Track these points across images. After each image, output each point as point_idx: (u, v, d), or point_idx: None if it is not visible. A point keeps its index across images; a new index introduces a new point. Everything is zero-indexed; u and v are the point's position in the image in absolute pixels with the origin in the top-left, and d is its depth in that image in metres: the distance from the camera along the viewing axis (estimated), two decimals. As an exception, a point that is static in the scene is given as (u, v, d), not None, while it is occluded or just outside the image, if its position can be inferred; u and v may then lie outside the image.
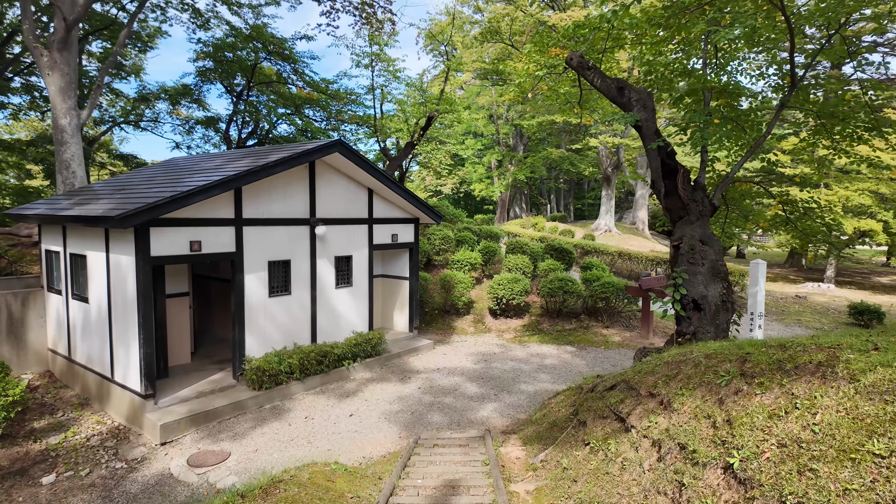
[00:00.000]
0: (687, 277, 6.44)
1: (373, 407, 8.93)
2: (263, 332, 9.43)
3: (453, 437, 7.39)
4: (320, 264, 10.32)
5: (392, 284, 13.10)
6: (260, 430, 8.06)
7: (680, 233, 6.86)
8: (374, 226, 11.43)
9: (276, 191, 9.47)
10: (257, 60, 23.42)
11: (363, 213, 11.17)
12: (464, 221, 20.25)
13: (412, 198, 11.65)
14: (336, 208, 10.58)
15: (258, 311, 9.33)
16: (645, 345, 12.74)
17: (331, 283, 10.56)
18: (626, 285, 13.62)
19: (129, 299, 8.03)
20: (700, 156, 7.25)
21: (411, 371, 10.82)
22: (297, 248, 9.88)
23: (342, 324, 10.87)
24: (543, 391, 9.62)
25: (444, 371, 10.82)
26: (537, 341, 13.21)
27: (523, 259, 15.87)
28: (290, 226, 9.72)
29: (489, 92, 34.97)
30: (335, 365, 10.12)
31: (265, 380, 8.96)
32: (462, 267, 15.50)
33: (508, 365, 11.26)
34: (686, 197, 6.95)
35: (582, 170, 42.15)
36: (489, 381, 10.19)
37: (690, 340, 6.44)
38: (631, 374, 5.31)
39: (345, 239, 10.79)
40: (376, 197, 11.44)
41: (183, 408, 8.19)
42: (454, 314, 14.83)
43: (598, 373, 10.65)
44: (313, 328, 10.26)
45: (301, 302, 10.01)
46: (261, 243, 9.27)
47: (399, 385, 9.98)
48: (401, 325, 12.97)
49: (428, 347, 12.23)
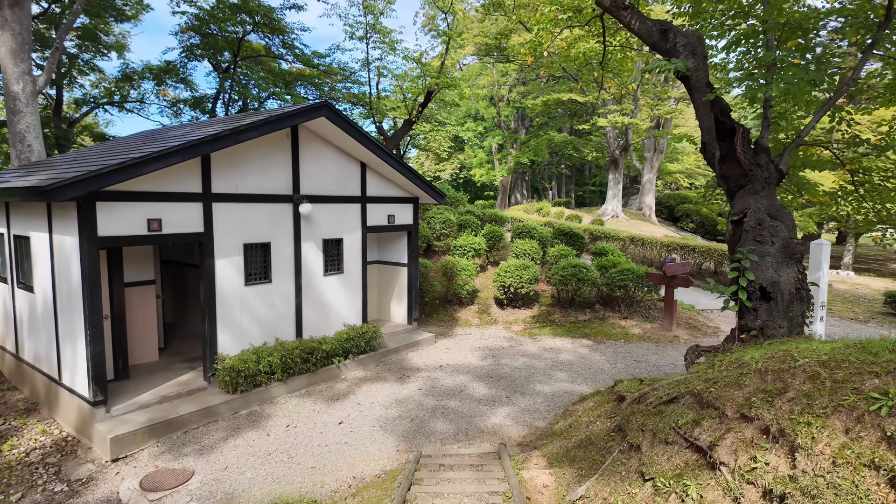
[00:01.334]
0: (756, 259, 5.17)
1: (366, 412, 7.68)
2: (239, 326, 8.14)
3: (462, 453, 6.14)
4: (306, 248, 9.01)
5: (389, 272, 11.80)
6: (232, 442, 6.81)
7: (742, 205, 5.57)
8: (368, 205, 10.10)
9: (252, 162, 8.13)
10: (245, 34, 21.90)
11: (355, 190, 9.84)
12: (466, 205, 18.93)
13: (411, 173, 10.32)
14: (324, 184, 9.24)
15: (232, 302, 8.03)
16: (667, 336, 11.52)
17: (318, 270, 9.26)
18: (646, 272, 12.36)
19: (73, 288, 6.73)
20: (763, 112, 5.93)
21: (411, 369, 9.56)
22: (279, 229, 8.57)
23: (332, 316, 9.58)
24: (563, 393, 8.37)
25: (447, 369, 9.58)
26: (549, 334, 11.97)
27: (532, 244, 14.58)
28: (269, 203, 8.39)
29: (490, 72, 33.44)
30: (324, 363, 8.86)
31: (241, 381, 7.70)
32: (465, 253, 14.21)
33: (520, 361, 10.01)
34: (748, 161, 5.65)
35: (585, 154, 40.73)
36: (499, 381, 8.95)
37: (757, 338, 5.19)
38: (699, 384, 4.06)
39: (334, 220, 9.47)
40: (370, 172, 10.09)
41: (141, 416, 6.92)
42: (457, 304, 13.57)
43: (622, 370, 9.41)
44: (298, 321, 8.97)
45: (283, 291, 8.71)
46: (235, 223, 7.96)
47: (397, 385, 8.73)
48: (399, 316, 11.71)
49: (429, 341, 10.98)
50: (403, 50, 18.48)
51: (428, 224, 15.54)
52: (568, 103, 26.76)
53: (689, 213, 33.86)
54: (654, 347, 11.01)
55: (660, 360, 10.17)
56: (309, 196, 8.90)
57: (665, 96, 26.99)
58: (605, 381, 8.91)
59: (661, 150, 32.61)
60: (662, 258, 18.07)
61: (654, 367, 9.73)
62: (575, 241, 15.99)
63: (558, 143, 36.80)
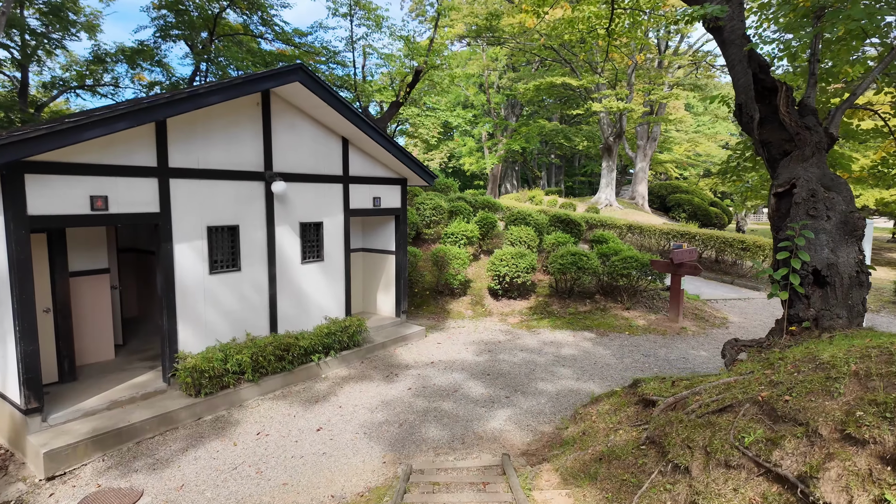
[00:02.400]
0: (812, 236, 4.35)
1: (349, 417, 6.78)
2: (203, 320, 7.17)
3: (460, 466, 5.28)
4: (280, 233, 8.04)
5: (375, 260, 10.87)
6: (192, 454, 5.87)
7: (788, 174, 4.75)
8: (351, 186, 9.13)
9: (216, 134, 7.12)
10: (221, 10, 20.63)
11: (336, 168, 8.87)
12: (456, 192, 18.01)
13: (398, 151, 9.36)
14: (300, 161, 8.26)
15: (195, 293, 7.06)
16: (674, 328, 10.75)
17: (295, 257, 8.30)
18: (651, 260, 11.57)
19: (1, 277, 5.71)
20: (809, 67, 5.08)
21: (399, 366, 8.67)
22: (248, 210, 7.58)
23: (311, 308, 8.64)
24: (568, 392, 7.54)
25: (439, 365, 8.69)
26: (548, 326, 11.14)
27: (528, 231, 13.72)
28: (237, 181, 7.40)
29: (480, 57, 32.40)
30: (301, 360, 7.93)
31: (205, 383, 6.74)
32: (457, 241, 13.31)
33: (518, 356, 9.16)
34: (794, 123, 4.82)
35: (576, 143, 39.99)
36: (497, 379, 8.09)
37: (810, 330, 4.38)
38: (761, 389, 3.23)
39: (312, 201, 8.50)
40: (353, 149, 9.12)
41: (85, 425, 5.95)
42: (448, 295, 12.69)
43: (630, 365, 8.61)
44: (272, 314, 8.02)
45: (255, 281, 7.75)
46: (196, 202, 6.96)
47: (384, 385, 7.83)
48: (386, 308, 10.79)
49: (419, 335, 10.09)
50: (390, 27, 17.43)
51: (417, 210, 14.60)
52: (561, 87, 25.87)
53: (682, 203, 33.33)
54: (662, 340, 10.24)
55: (669, 353, 9.39)
56: (283, 174, 7.92)
57: (659, 81, 26.22)
58: (615, 377, 8.11)
59: (655, 139, 31.92)
60: (662, 246, 17.36)
61: (665, 361, 8.95)
62: (572, 228, 15.18)
63: (549, 132, 35.93)
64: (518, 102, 39.18)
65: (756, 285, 15.20)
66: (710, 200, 36.87)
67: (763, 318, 12.08)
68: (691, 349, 9.69)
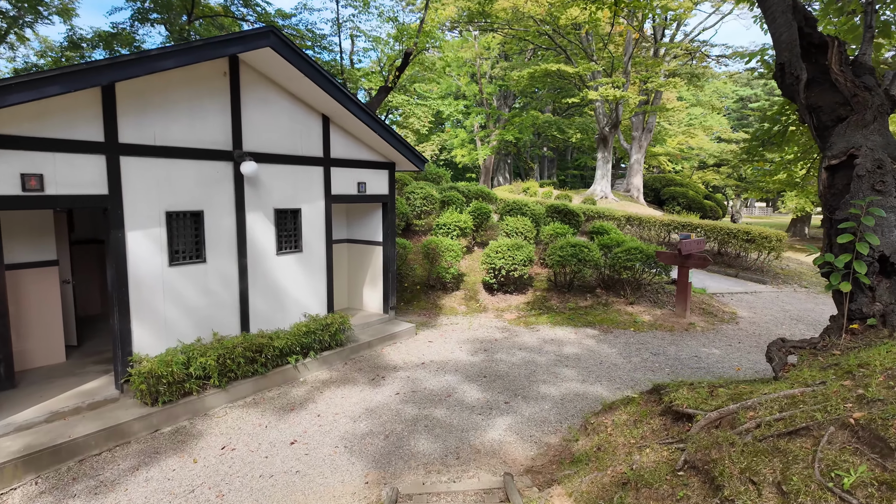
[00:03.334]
0: (882, 215, 3.60)
1: (328, 427, 5.97)
2: (162, 318, 6.32)
3: (455, 489, 4.50)
4: (252, 220, 7.19)
5: (361, 252, 10.04)
6: (144, 474, 5.04)
7: (845, 143, 4.01)
8: (333, 169, 8.29)
9: (177, 107, 6.25)
10: (199, -9, 19.58)
11: (316, 150, 8.01)
12: (448, 181, 17.19)
13: (386, 131, 8.52)
14: (275, 140, 7.40)
15: (152, 288, 6.20)
16: (682, 324, 10.05)
17: (269, 248, 7.45)
18: (656, 251, 10.85)
19: (-89, 269, 4.83)
20: (864, 19, 4.34)
21: (386, 367, 7.87)
22: (215, 194, 6.72)
23: (288, 304, 7.80)
24: (574, 396, 6.79)
25: (431, 366, 7.91)
26: (548, 322, 10.38)
27: (524, 221, 12.96)
28: (201, 160, 6.54)
29: (472, 45, 31.51)
30: (276, 362, 7.10)
31: (163, 389, 5.90)
32: (449, 232, 12.51)
33: (517, 356, 8.40)
34: (850, 83, 4.08)
35: (570, 136, 39.29)
36: (495, 382, 7.32)
37: (876, 328, 3.66)
38: (844, 406, 2.50)
39: (289, 185, 7.65)
40: (335, 128, 8.27)
41: (17, 441, 5.09)
42: (440, 290, 11.90)
43: (639, 365, 7.88)
44: (243, 311, 7.17)
45: (223, 274, 6.90)
46: (153, 184, 6.10)
47: (368, 389, 7.03)
48: (373, 304, 9.97)
49: (408, 333, 9.29)
50: (378, 7, 16.50)
51: (407, 200, 13.77)
52: (556, 76, 25.10)
53: (676, 196, 32.82)
54: (670, 337, 9.52)
55: (679, 351, 8.68)
56: (255, 154, 7.06)
57: (656, 69, 25.54)
58: (623, 379, 7.37)
59: (650, 130, 31.28)
60: (662, 238, 16.69)
61: (676, 360, 8.23)
62: (570, 219, 14.42)
63: (542, 124, 35.19)
64: (511, 93, 38.38)
65: (762, 278, 14.57)
66: (705, 194, 36.48)
67: (773, 313, 11.42)
68: (702, 347, 8.99)
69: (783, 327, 10.32)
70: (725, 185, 46.91)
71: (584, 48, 24.57)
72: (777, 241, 14.10)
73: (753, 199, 61.35)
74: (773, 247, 14.15)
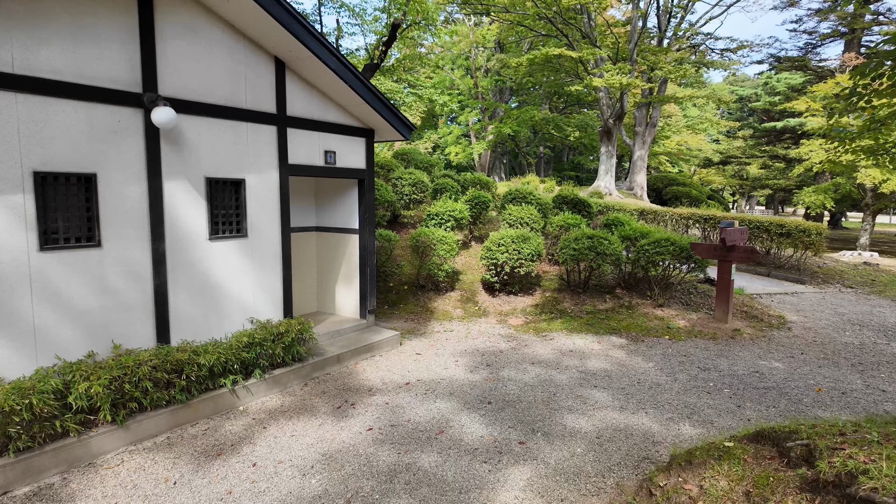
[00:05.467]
0: None
1: (264, 485, 4.07)
2: (30, 325, 4.40)
3: None
4: (174, 191, 5.29)
5: (332, 242, 8.15)
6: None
7: None
8: (291, 131, 6.41)
9: (52, 20, 4.36)
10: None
11: (267, 103, 6.13)
12: (442, 170, 15.36)
13: (363, 86, 6.66)
14: (207, 85, 5.52)
15: (12, 282, 4.28)
16: (725, 330, 8.23)
17: (198, 230, 5.55)
18: (691, 243, 9.03)
19: None
20: None
21: (359, 390, 5.97)
22: (116, 151, 4.82)
23: (227, 307, 5.89)
24: (615, 431, 4.92)
25: (418, 388, 6.02)
26: (562, 329, 8.53)
27: (530, 210, 11.14)
28: (93, 102, 4.64)
29: (466, 36, 29.80)
30: (205, 386, 5.19)
31: (17, 432, 3.98)
32: (443, 223, 10.66)
33: (530, 373, 6.53)
34: None
35: (568, 134, 37.76)
36: (503, 410, 5.44)
37: None
38: None
39: (228, 148, 5.76)
40: (294, 78, 6.40)
41: None
42: (432, 290, 10.03)
43: (687, 384, 6.04)
44: (161, 316, 5.25)
45: (129, 264, 4.98)
46: (12, 130, 4.19)
47: (331, 423, 5.13)
48: (348, 307, 8.07)
49: (391, 343, 7.40)
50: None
51: (394, 188, 11.91)
52: (557, 63, 23.43)
53: (679, 195, 31.38)
54: (715, 347, 7.70)
55: (733, 366, 6.85)
56: (177, 101, 5.17)
57: (663, 55, 23.90)
58: (674, 405, 5.52)
59: (654, 125, 29.64)
60: (680, 234, 14.90)
61: (732, 377, 6.40)
62: (582, 209, 12.62)
63: (539, 121, 33.56)
64: (507, 89, 36.71)
65: (799, 277, 12.80)
66: (708, 193, 35.11)
67: (826, 317, 9.63)
68: (759, 359, 7.17)
69: (846, 334, 8.53)
70: (728, 185, 45.62)
71: (586, 34, 22.89)
72: (817, 236, 12.35)
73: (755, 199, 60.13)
74: (812, 241, 12.39)
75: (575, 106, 44.00)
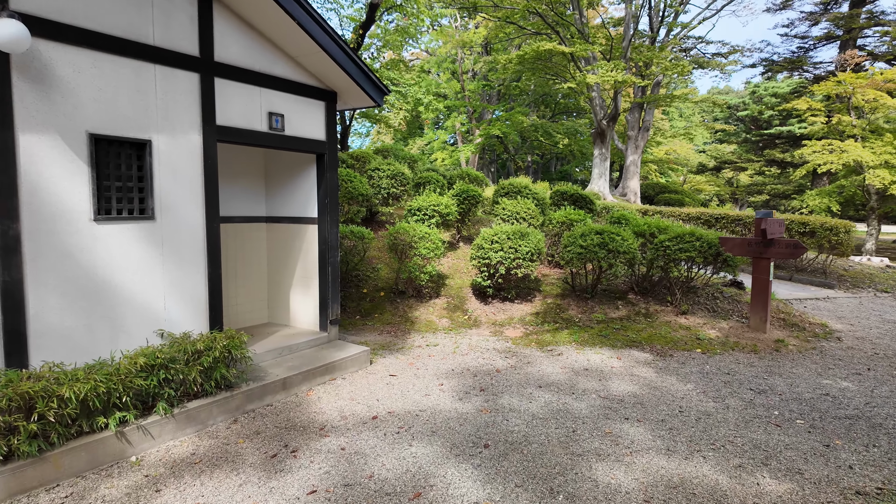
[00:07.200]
0: None
1: None
2: None
3: None
4: (33, 147, 3.71)
5: (285, 236, 6.58)
6: None
7: None
8: (220, 82, 4.86)
9: None
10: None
11: (185, 40, 4.59)
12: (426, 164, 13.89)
13: (319, 28, 5.15)
14: (90, 5, 3.98)
15: None
16: (765, 342, 6.80)
17: (76, 206, 3.96)
18: (720, 237, 7.62)
19: None
20: None
21: (307, 428, 4.36)
22: (-70, 83, 3.25)
23: (123, 316, 4.28)
24: (668, 489, 3.38)
25: (388, 425, 4.43)
26: (571, 341, 7.02)
27: (526, 205, 9.70)
28: None
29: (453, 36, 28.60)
30: (76, 430, 3.57)
31: None
32: (426, 218, 9.16)
33: (537, 401, 4.98)
34: None
35: (557, 140, 36.81)
36: (506, 458, 3.88)
37: None
38: None
39: (126, 95, 4.19)
40: (224, 13, 4.88)
41: None
42: (413, 297, 8.48)
43: (741, 411, 4.57)
44: (11, 328, 3.63)
45: (-48, 250, 3.38)
46: None
47: (259, 482, 3.52)
48: (304, 317, 6.47)
49: (358, 362, 5.81)
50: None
51: (370, 180, 10.39)
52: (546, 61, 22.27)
53: (672, 203, 30.57)
54: (761, 363, 6.23)
55: (794, 387, 5.38)
56: (39, 19, 3.62)
57: (659, 53, 22.86)
58: (737, 444, 4.01)
59: (647, 128, 28.57)
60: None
61: (799, 402, 4.92)
62: (584, 205, 11.20)
63: (527, 128, 32.47)
64: (496, 94, 35.58)
65: (826, 281, 11.48)
66: (702, 201, 34.34)
67: (875, 325, 8.27)
68: (821, 378, 5.72)
69: (907, 345, 7.14)
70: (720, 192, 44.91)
71: (579, 29, 21.77)
72: (845, 234, 11.05)
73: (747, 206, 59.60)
74: (840, 241, 11.09)
75: (562, 115, 43.18)
